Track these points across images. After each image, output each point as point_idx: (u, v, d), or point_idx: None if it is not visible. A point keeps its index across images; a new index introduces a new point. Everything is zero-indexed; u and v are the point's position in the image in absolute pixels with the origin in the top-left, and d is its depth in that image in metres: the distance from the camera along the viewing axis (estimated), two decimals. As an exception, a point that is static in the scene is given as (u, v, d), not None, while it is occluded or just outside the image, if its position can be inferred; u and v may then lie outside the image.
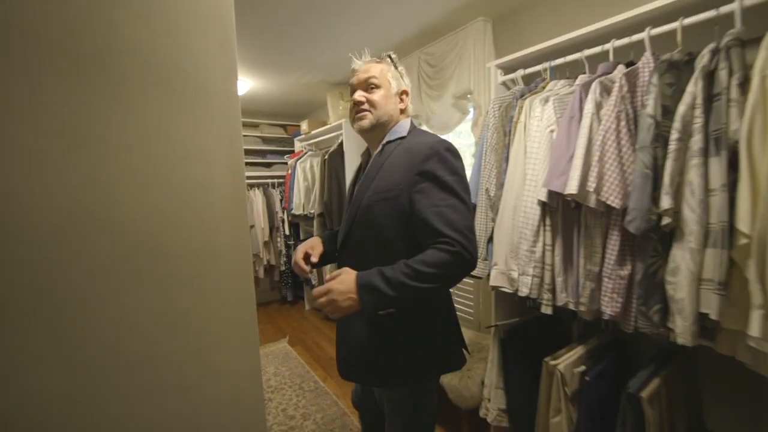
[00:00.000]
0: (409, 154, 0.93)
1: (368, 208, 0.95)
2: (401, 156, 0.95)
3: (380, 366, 0.96)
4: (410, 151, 0.94)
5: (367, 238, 0.97)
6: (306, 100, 3.62)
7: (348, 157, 2.92)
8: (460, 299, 2.40)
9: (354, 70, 1.05)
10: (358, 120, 1.01)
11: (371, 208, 0.94)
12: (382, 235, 0.94)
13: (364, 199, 0.96)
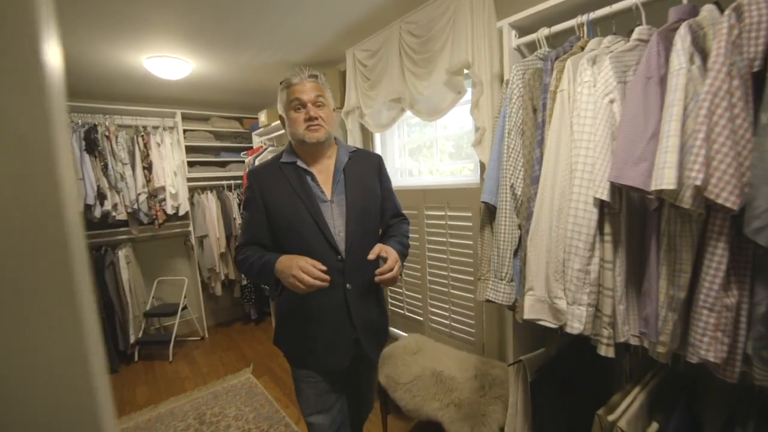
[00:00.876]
0: (370, 162, 1.25)
1: (365, 205, 1.18)
2: (365, 163, 1.24)
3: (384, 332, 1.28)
4: (369, 159, 1.26)
5: (369, 227, 1.19)
6: (263, 86, 3.11)
7: (317, 152, 2.46)
8: (457, 316, 2.03)
9: (295, 84, 1.11)
10: (313, 132, 1.10)
11: (367, 204, 1.19)
12: (374, 222, 1.22)
13: (360, 199, 1.16)
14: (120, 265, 2.92)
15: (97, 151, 2.75)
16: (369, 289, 1.16)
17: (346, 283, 1.11)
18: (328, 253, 1.09)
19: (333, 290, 1.07)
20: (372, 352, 1.20)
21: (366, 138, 2.46)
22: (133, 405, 2.41)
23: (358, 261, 1.10)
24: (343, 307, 1.12)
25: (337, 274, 1.08)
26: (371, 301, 1.19)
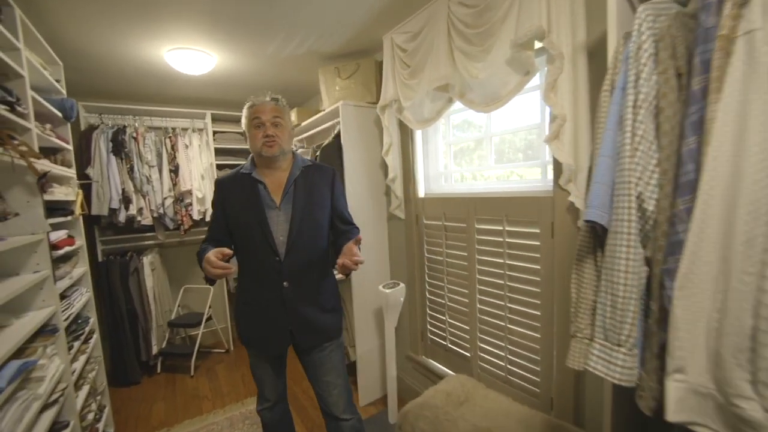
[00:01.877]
0: (322, 175, 1.41)
1: (311, 214, 1.34)
2: (317, 176, 1.39)
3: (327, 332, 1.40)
4: (322, 173, 1.42)
5: (312, 234, 1.34)
6: (293, 83, 2.88)
7: (348, 150, 2.16)
8: (516, 358, 1.62)
9: (257, 105, 1.30)
10: (268, 147, 1.28)
11: (314, 213, 1.35)
12: (320, 230, 1.37)
13: (306, 208, 1.33)
14: (144, 272, 2.79)
15: (123, 153, 2.65)
16: (308, 290, 1.34)
17: (284, 281, 1.29)
18: (268, 253, 1.29)
19: (271, 286, 1.30)
20: (305, 345, 1.38)
21: (405, 136, 2.12)
22: (146, 426, 2.21)
23: (298, 263, 1.30)
24: (279, 301, 1.30)
25: (275, 272, 1.29)
26: (309, 300, 1.34)
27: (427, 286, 2.11)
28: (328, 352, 1.40)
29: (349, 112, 2.15)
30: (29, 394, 1.15)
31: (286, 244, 1.30)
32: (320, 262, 1.36)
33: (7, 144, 1.17)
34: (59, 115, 1.75)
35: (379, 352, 2.36)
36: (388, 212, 2.32)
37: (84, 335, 1.75)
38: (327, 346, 1.40)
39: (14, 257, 1.34)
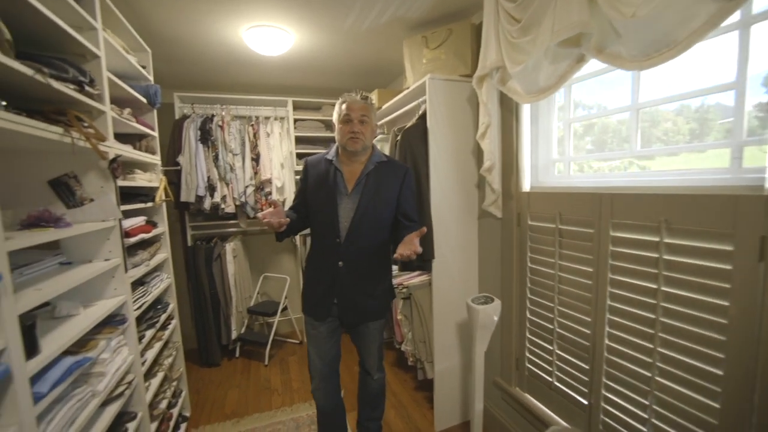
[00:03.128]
0: (394, 173, 1.50)
1: (375, 206, 1.45)
2: (389, 174, 1.49)
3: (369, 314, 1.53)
4: (394, 170, 1.51)
5: (373, 224, 1.46)
6: (375, 63, 2.61)
7: (434, 133, 1.81)
8: (668, 426, 1.12)
9: (349, 102, 1.44)
10: (353, 142, 1.42)
11: (378, 206, 1.46)
12: (382, 223, 1.47)
13: (372, 200, 1.45)
14: (227, 258, 2.85)
15: (210, 142, 2.69)
16: (360, 273, 1.48)
17: (339, 261, 1.45)
18: (330, 232, 1.46)
19: (329, 263, 1.47)
20: (348, 321, 1.52)
21: (507, 114, 1.69)
22: (220, 413, 2.21)
23: (355, 247, 1.45)
24: (333, 278, 1.47)
25: (333, 251, 1.46)
26: (359, 284, 1.48)
27: (528, 304, 1.67)
28: (371, 329, 1.57)
29: (438, 88, 1.80)
30: (87, 391, 1.07)
31: (348, 228, 1.45)
32: (376, 252, 1.49)
33: (74, 125, 1.10)
34: (143, 101, 1.74)
35: (460, 372, 2.00)
36: (480, 209, 1.92)
37: (160, 322, 1.74)
38: (369, 325, 1.55)
39: (87, 244, 1.30)
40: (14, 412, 0.77)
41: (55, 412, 0.94)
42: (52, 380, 0.90)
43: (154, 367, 1.68)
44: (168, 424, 1.72)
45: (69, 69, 1.15)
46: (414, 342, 2.06)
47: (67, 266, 1.23)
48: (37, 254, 1.19)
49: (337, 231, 1.44)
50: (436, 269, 1.89)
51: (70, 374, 0.97)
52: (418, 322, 2.02)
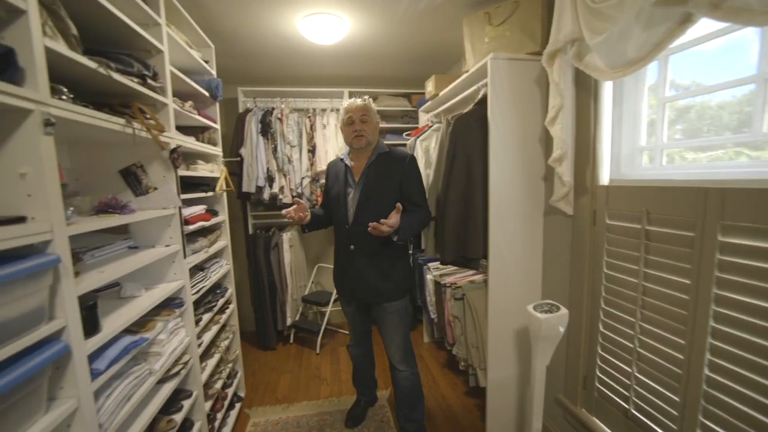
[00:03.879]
0: (395, 161, 1.67)
1: (376, 191, 1.64)
2: (390, 162, 1.67)
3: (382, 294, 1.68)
4: (395, 159, 1.68)
5: (376, 208, 1.57)
6: (432, 48, 2.47)
7: (495, 119, 1.63)
8: None
9: (348, 106, 1.67)
10: (357, 140, 1.64)
11: (379, 191, 1.64)
12: (384, 207, 1.51)
13: (373, 187, 1.64)
14: (284, 247, 2.94)
15: (269, 134, 2.78)
16: (369, 254, 1.66)
17: (350, 245, 1.67)
18: (341, 221, 1.70)
19: (343, 247, 1.71)
20: (363, 299, 1.73)
21: (583, 95, 1.46)
22: (273, 397, 2.30)
23: (362, 230, 1.54)
24: (346, 259, 1.71)
25: (345, 236, 1.70)
26: (370, 264, 1.66)
27: (601, 316, 1.45)
28: (386, 312, 1.69)
29: (501, 69, 1.61)
30: (144, 369, 1.14)
31: (354, 214, 1.65)
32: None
33: (137, 117, 1.16)
34: (206, 95, 1.82)
35: (517, 384, 1.82)
36: (547, 204, 1.71)
37: (218, 306, 1.83)
38: (386, 306, 1.69)
39: (151, 230, 1.39)
40: (73, 386, 0.82)
41: (114, 387, 1.00)
42: (109, 358, 0.95)
43: (211, 348, 1.77)
44: (222, 404, 1.81)
45: (134, 63, 1.21)
46: (466, 346, 1.92)
47: (134, 251, 1.32)
48: (109, 238, 1.28)
49: (346, 217, 1.67)
50: (492, 269, 1.72)
51: (127, 353, 1.02)
52: (471, 325, 1.88)
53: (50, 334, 0.77)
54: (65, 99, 0.89)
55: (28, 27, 0.74)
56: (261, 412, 2.14)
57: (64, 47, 0.87)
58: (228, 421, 1.91)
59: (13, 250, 0.71)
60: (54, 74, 0.91)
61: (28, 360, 0.70)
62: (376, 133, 1.69)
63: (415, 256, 2.89)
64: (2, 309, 0.67)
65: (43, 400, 0.77)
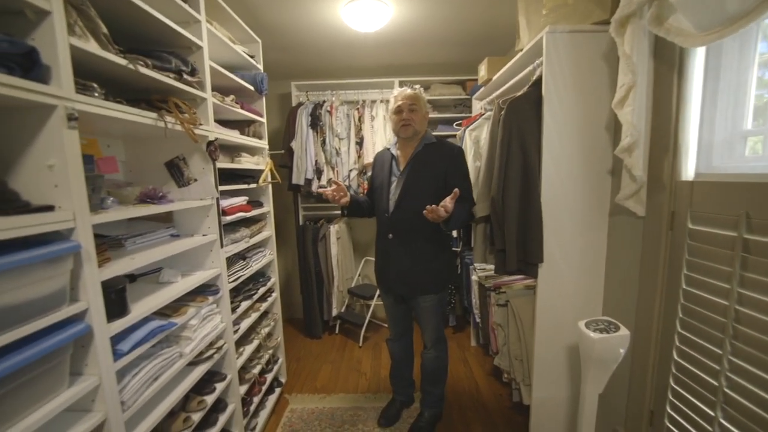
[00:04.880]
0: (442, 153, 1.64)
1: (419, 182, 1.61)
2: (436, 154, 1.64)
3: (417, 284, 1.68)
4: (442, 150, 1.65)
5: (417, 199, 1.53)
6: (485, 29, 2.25)
7: (552, 101, 1.42)
8: None
9: (397, 95, 1.66)
10: (404, 129, 1.62)
11: (421, 182, 1.61)
12: (427, 197, 1.47)
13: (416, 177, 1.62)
14: (331, 239, 2.98)
15: (318, 127, 2.81)
16: (408, 245, 1.65)
17: (389, 233, 1.67)
18: (382, 209, 1.70)
19: (383, 236, 1.72)
20: (399, 292, 1.74)
21: (662, 68, 1.19)
22: (312, 385, 2.35)
23: (401, 220, 1.63)
24: (385, 249, 1.72)
25: (385, 225, 1.69)
26: (405, 253, 1.65)
27: (677, 342, 1.18)
28: (422, 302, 1.70)
29: (560, 44, 1.39)
30: (174, 351, 1.20)
31: (394, 203, 1.64)
32: (423, 227, 1.55)
33: (173, 111, 1.20)
34: (251, 89, 1.87)
35: (567, 408, 1.59)
36: (613, 203, 1.45)
37: (259, 294, 1.89)
38: (422, 299, 1.69)
39: (191, 220, 1.46)
40: (96, 364, 0.88)
41: (141, 367, 1.06)
42: (135, 340, 1.00)
43: (250, 334, 1.85)
44: (260, 388, 1.88)
45: (172, 60, 1.26)
46: (509, 358, 1.74)
47: (175, 239, 1.40)
48: (153, 226, 1.38)
49: (387, 206, 1.67)
50: (543, 276, 1.52)
51: (154, 336, 1.07)
52: (515, 335, 1.69)
53: (72, 315, 0.82)
54: (97, 95, 0.94)
55: (52, 27, 0.78)
56: (300, 399, 2.20)
57: (94, 46, 0.92)
58: (267, 404, 1.99)
59: (41, 235, 0.76)
60: (88, 72, 0.98)
61: (49, 338, 0.76)
62: (424, 123, 1.67)
63: (463, 253, 2.72)
64: (22, 290, 0.72)
65: (66, 375, 0.83)
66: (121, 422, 0.94)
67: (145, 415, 1.08)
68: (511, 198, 1.50)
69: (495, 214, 1.57)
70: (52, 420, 0.78)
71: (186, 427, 1.24)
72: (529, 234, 1.50)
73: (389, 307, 1.85)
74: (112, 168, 1.32)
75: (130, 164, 1.43)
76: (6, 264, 0.66)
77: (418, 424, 1.87)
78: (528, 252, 1.51)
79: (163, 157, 1.42)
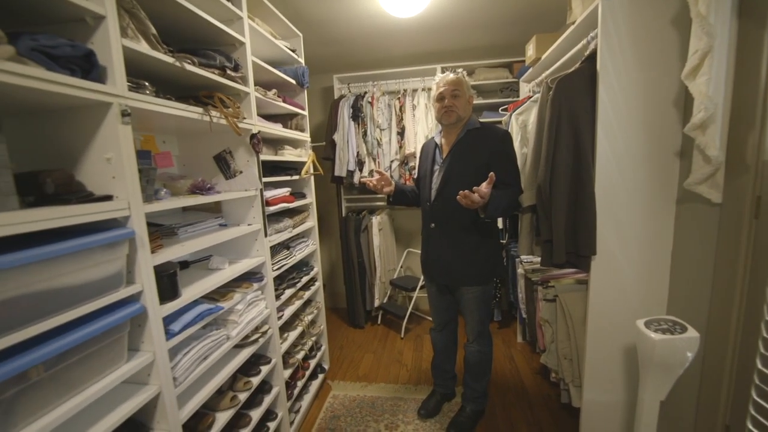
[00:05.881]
0: (487, 138, 1.58)
1: (461, 170, 1.57)
2: (480, 139, 1.58)
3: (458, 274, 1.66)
4: (487, 136, 1.58)
5: (458, 187, 1.39)
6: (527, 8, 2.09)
7: (608, 76, 1.28)
8: None
9: (440, 82, 1.59)
10: (446, 116, 1.57)
11: (463, 170, 1.56)
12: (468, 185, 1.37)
13: (458, 165, 1.58)
14: (373, 230, 2.99)
15: (360, 118, 2.81)
16: (449, 234, 1.63)
17: (431, 223, 1.67)
18: (425, 198, 1.69)
19: (426, 225, 1.71)
20: (441, 281, 1.73)
21: (749, 26, 1.01)
22: (354, 373, 2.40)
23: (442, 209, 1.62)
24: (427, 238, 1.72)
25: (428, 214, 1.69)
26: (447, 243, 1.63)
27: (761, 348, 1.02)
28: (465, 292, 1.68)
29: (617, 11, 1.24)
30: (222, 334, 1.27)
31: (436, 192, 1.63)
32: (465, 215, 1.53)
33: (218, 106, 1.27)
34: (293, 82, 1.91)
35: (623, 413, 1.46)
36: (681, 188, 1.28)
37: (302, 283, 1.96)
38: (465, 290, 1.67)
39: (238, 210, 1.53)
40: (150, 343, 0.96)
41: (192, 347, 1.14)
42: (185, 321, 1.08)
43: (294, 321, 1.92)
44: (304, 373, 1.95)
45: (217, 57, 1.31)
46: (557, 356, 1.63)
47: (223, 228, 1.48)
48: (204, 216, 1.47)
49: (429, 195, 1.66)
50: (596, 269, 1.39)
51: (202, 319, 1.15)
52: (564, 333, 1.57)
53: (128, 296, 0.90)
54: (148, 93, 1.01)
55: (107, 30, 0.85)
56: (342, 386, 2.26)
57: (145, 47, 0.99)
58: (310, 389, 2.06)
59: (102, 222, 0.84)
60: (139, 71, 1.05)
61: (109, 315, 0.83)
62: (468, 109, 1.62)
63: (509, 246, 2.59)
64: (85, 272, 0.80)
65: (125, 350, 0.91)
66: (173, 396, 1.02)
67: (196, 392, 1.16)
68: (559, 184, 1.39)
69: (541, 202, 1.46)
70: (113, 390, 0.86)
71: (233, 405, 1.32)
72: (581, 223, 1.37)
73: (432, 296, 1.83)
74: (168, 162, 1.42)
75: (183, 158, 1.53)
76: (70, 248, 0.73)
77: (458, 419, 1.83)
78: (579, 243, 1.39)
79: (212, 151, 1.51)
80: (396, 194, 1.73)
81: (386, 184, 1.67)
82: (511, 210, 1.60)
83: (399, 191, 1.74)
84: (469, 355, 1.80)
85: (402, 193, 1.77)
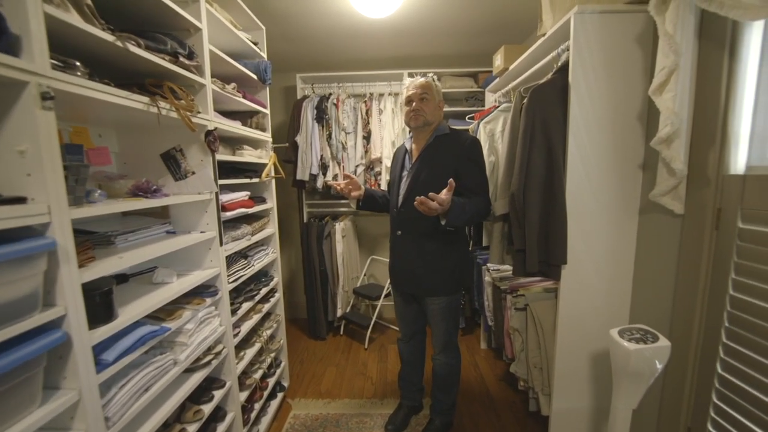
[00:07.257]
0: (454, 144, 1.53)
1: (427, 176, 1.51)
2: (448, 145, 1.54)
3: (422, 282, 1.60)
4: (455, 141, 1.54)
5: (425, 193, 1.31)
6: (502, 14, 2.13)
7: (579, 88, 1.30)
8: None
9: (408, 86, 1.55)
10: (414, 119, 1.53)
11: (430, 176, 1.50)
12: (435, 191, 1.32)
13: (425, 171, 1.53)
14: (336, 237, 2.88)
15: (324, 120, 2.70)
16: (415, 242, 1.57)
17: (397, 230, 1.62)
18: (392, 204, 1.65)
19: (393, 232, 1.66)
20: (406, 290, 1.68)
21: (710, 48, 1.06)
22: (316, 389, 2.25)
23: (408, 216, 1.55)
24: (394, 245, 1.67)
25: (394, 221, 1.64)
26: (413, 251, 1.58)
27: (722, 354, 1.06)
28: (430, 303, 1.62)
29: (589, 26, 1.27)
30: (168, 359, 1.10)
31: (402, 199, 1.58)
32: (432, 224, 1.46)
33: (168, 96, 1.10)
34: (254, 77, 1.77)
35: (590, 420, 1.48)
36: (644, 199, 1.33)
37: (261, 295, 1.79)
38: (431, 300, 1.61)
39: (188, 215, 1.36)
40: (75, 379, 0.78)
41: (130, 378, 0.96)
42: (121, 348, 0.90)
43: (251, 337, 1.75)
44: (262, 393, 1.79)
45: (168, 42, 1.15)
46: (526, 366, 1.63)
47: (171, 236, 1.30)
48: (148, 222, 1.28)
49: (396, 202, 1.61)
50: (566, 279, 1.41)
51: (143, 344, 0.97)
52: (534, 342, 1.58)
53: (45, 322, 0.72)
54: (80, 74, 0.84)
55: (23, -9, 0.68)
56: (303, 404, 2.10)
57: (76, 18, 0.82)
58: (268, 410, 1.89)
59: (10, 231, 0.66)
60: (70, 48, 0.88)
61: (16, 350, 0.66)
62: (437, 114, 1.58)
63: (474, 253, 2.61)
64: (-17, 295, 0.62)
65: (38, 392, 0.73)
66: (104, 440, 0.84)
67: (135, 430, 0.98)
68: (533, 194, 1.39)
69: (514, 211, 1.46)
70: (22, 442, 0.68)
71: (181, 441, 1.14)
72: (552, 233, 1.38)
73: (399, 305, 1.77)
74: (104, 159, 1.22)
75: (124, 156, 1.34)
76: (-39, 264, 0.56)
77: None
78: (550, 252, 1.40)
79: (159, 149, 1.32)
80: (366, 199, 1.67)
81: (354, 188, 1.61)
82: (476, 218, 1.51)
83: (369, 196, 1.69)
84: (437, 367, 1.75)
85: (372, 198, 1.71)
